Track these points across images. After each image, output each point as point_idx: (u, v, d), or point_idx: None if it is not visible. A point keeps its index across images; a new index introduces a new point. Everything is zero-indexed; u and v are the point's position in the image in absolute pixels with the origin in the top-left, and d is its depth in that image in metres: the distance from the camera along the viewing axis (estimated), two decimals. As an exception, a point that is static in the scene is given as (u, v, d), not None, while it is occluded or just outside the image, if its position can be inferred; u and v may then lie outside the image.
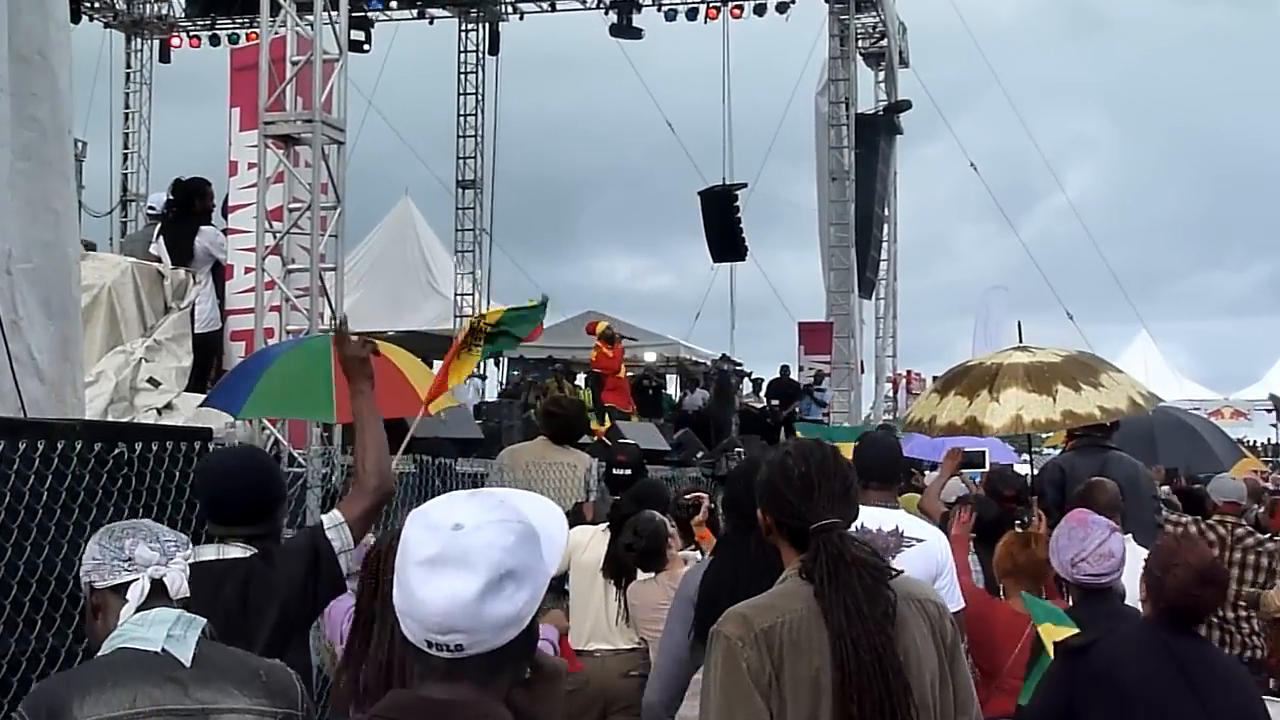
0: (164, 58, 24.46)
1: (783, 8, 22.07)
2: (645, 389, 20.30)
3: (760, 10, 22.20)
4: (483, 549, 1.72)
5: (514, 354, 23.24)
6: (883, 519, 3.96)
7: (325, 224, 9.29)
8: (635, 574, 5.39)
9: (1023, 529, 5.22)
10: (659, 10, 22.94)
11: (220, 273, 9.80)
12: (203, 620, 2.63)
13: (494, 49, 24.57)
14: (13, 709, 2.62)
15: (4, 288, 5.44)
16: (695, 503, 6.04)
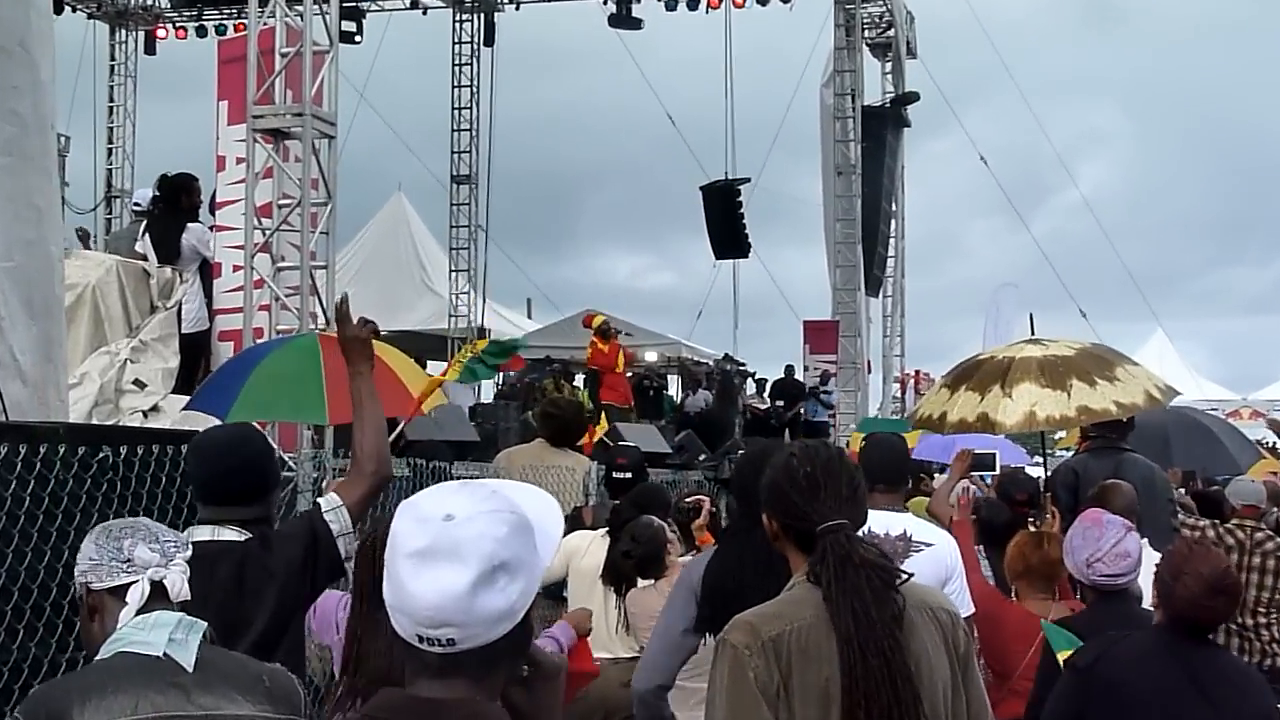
0: (149, 50, 24.46)
1: (786, -3, 22.10)
2: (646, 390, 20.29)
3: (763, -1, 22.23)
4: (474, 540, 1.71)
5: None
6: (890, 523, 3.96)
7: (316, 221, 9.30)
8: (635, 581, 5.39)
9: (1035, 528, 5.22)
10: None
11: (208, 271, 9.81)
12: (204, 624, 2.62)
13: (489, 40, 24.52)
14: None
15: (-15, 287, 5.45)
16: (696, 506, 6.02)
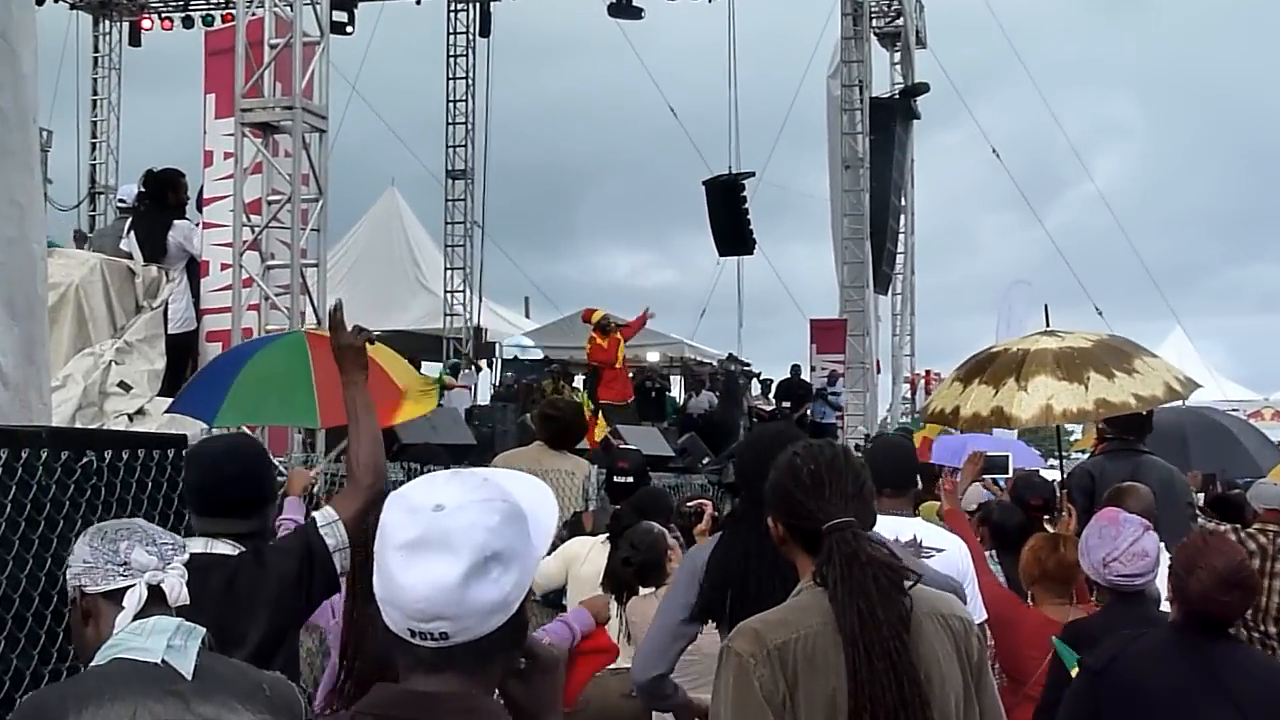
0: (134, 41, 24.49)
1: (792, -16, 22.13)
2: (648, 391, 20.30)
3: (768, -13, 22.28)
4: (465, 530, 1.71)
5: (508, 355, 23.28)
6: (899, 527, 3.96)
7: (306, 217, 9.31)
8: (637, 589, 5.39)
9: (1051, 526, 5.21)
10: (660, -12, 22.99)
11: (195, 269, 9.81)
12: (203, 630, 2.62)
13: (485, 30, 24.55)
14: None
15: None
16: (698, 510, 6.03)
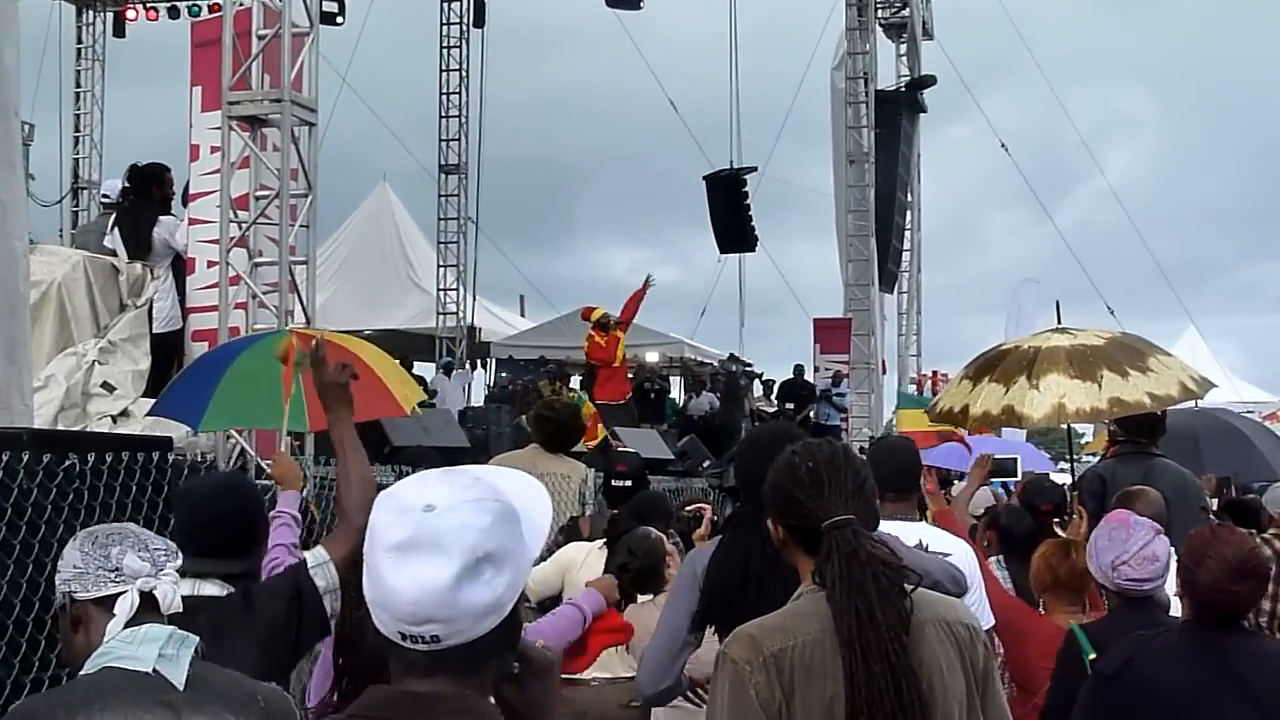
0: (118, 32, 24.45)
1: (795, -26, 22.13)
2: (647, 392, 20.29)
3: (771, -23, 22.29)
4: (457, 531, 1.71)
5: (503, 355, 23.28)
6: (902, 532, 3.96)
7: (295, 213, 9.30)
8: (634, 596, 5.40)
9: (1062, 531, 5.21)
10: (660, -23, 22.99)
11: (181, 267, 9.81)
12: (195, 639, 2.62)
13: (479, 21, 24.53)
14: None
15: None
16: (697, 514, 6.04)
